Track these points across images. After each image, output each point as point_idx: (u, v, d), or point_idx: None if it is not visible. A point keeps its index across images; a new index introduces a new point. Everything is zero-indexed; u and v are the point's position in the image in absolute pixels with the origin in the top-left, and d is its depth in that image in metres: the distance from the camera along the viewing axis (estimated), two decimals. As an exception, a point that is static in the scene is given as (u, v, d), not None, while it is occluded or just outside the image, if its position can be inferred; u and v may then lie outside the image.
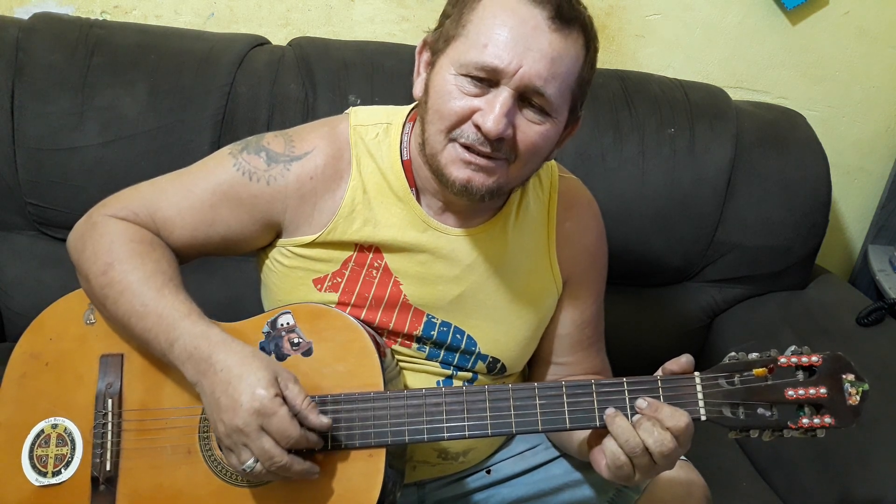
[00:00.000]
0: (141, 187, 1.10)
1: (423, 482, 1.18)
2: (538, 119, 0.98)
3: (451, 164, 0.98)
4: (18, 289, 1.58)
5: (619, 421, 0.93)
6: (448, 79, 0.97)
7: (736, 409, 0.95)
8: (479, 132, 0.95)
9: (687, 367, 0.96)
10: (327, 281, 1.09)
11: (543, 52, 0.94)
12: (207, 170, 1.09)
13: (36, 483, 1.03)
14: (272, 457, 0.90)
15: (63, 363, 1.06)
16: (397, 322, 1.09)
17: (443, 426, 0.98)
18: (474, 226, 1.10)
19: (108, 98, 1.50)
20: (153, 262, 1.01)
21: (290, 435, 0.91)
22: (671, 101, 1.66)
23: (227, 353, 0.94)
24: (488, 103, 0.95)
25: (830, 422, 0.93)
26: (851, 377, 0.93)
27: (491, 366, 1.14)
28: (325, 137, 1.09)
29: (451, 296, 1.10)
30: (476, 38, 0.96)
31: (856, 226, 2.03)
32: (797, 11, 1.80)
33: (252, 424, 0.90)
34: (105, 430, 1.02)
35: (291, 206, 1.07)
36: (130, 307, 0.98)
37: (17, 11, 1.70)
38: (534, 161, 1.03)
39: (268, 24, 1.75)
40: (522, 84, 0.94)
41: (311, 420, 0.93)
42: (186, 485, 1.00)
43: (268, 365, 0.94)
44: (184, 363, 0.95)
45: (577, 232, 1.17)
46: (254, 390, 0.90)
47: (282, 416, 0.90)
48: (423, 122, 1.01)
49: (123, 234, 1.03)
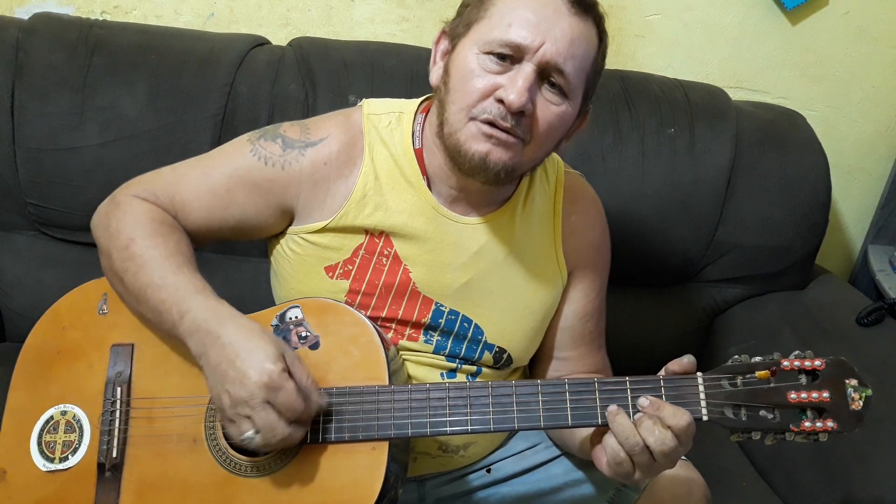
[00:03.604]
0: (162, 171, 1.14)
1: (423, 479, 1.19)
2: (557, 100, 1.02)
3: (470, 139, 1.01)
4: (18, 289, 1.58)
5: (620, 419, 0.94)
6: (471, 58, 1.01)
7: (738, 411, 0.95)
8: (501, 106, 0.98)
9: (689, 367, 0.97)
10: (339, 269, 1.11)
11: (564, 31, 0.99)
12: (226, 155, 1.13)
13: (43, 468, 1.04)
14: (274, 428, 0.92)
15: (75, 351, 1.08)
16: (406, 310, 1.11)
17: (445, 420, 0.99)
18: (483, 214, 1.12)
19: (108, 98, 1.50)
20: (174, 241, 1.05)
21: (296, 408, 0.93)
22: (671, 101, 1.66)
23: (237, 327, 0.96)
24: (511, 79, 0.99)
25: (833, 426, 0.92)
26: (855, 382, 0.93)
27: (497, 356, 1.15)
28: (339, 125, 1.12)
29: (458, 283, 1.11)
30: (500, 18, 1.00)
31: (856, 226, 2.03)
32: (797, 11, 1.80)
33: (258, 397, 0.92)
34: (113, 418, 1.04)
35: (305, 190, 1.10)
36: (150, 279, 1.01)
37: (17, 11, 1.70)
38: (547, 144, 1.06)
39: (268, 24, 1.75)
40: (544, 60, 0.98)
41: (313, 398, 0.95)
42: (191, 474, 1.01)
43: (275, 341, 0.96)
44: (192, 335, 0.97)
45: (582, 225, 1.20)
46: (263, 364, 0.92)
47: (289, 391, 0.92)
48: (443, 104, 1.04)
49: (146, 214, 1.07)
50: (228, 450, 1.01)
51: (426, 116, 1.12)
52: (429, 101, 1.14)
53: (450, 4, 1.09)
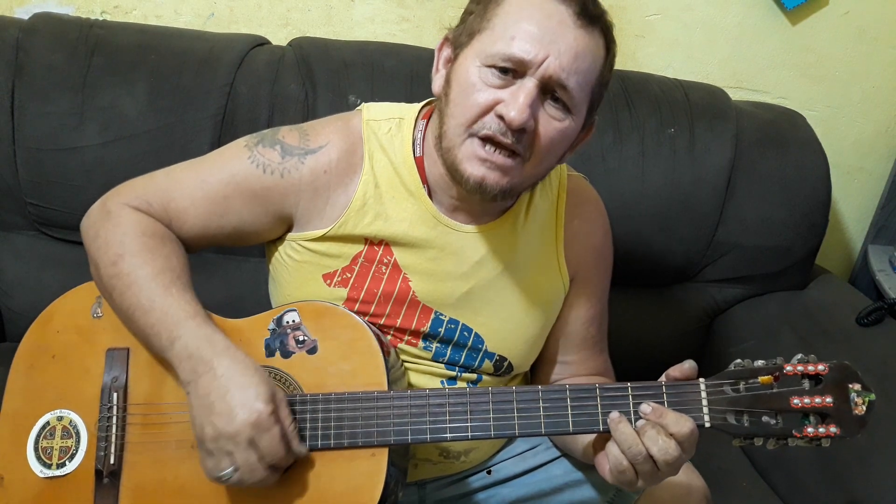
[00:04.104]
0: (156, 176, 1.10)
1: (423, 482, 1.18)
2: (559, 115, 0.99)
3: (466, 161, 0.99)
4: (18, 289, 1.58)
5: (622, 427, 0.92)
6: (472, 71, 0.98)
7: (740, 417, 0.94)
8: (501, 122, 0.96)
9: (690, 373, 0.96)
10: (337, 276, 1.09)
11: (569, 45, 0.96)
12: (223, 161, 1.10)
13: (41, 475, 1.03)
14: (254, 470, 0.91)
15: (70, 356, 1.07)
16: (405, 319, 1.10)
17: (445, 427, 0.98)
18: (484, 223, 1.10)
19: (108, 98, 1.50)
20: (163, 258, 1.02)
21: (278, 454, 0.92)
22: (671, 101, 1.66)
23: (232, 360, 0.94)
24: (512, 95, 0.96)
25: (836, 431, 0.92)
26: (858, 387, 0.92)
27: (498, 364, 1.14)
28: (339, 132, 1.10)
29: (459, 292, 1.10)
30: (503, 31, 0.97)
31: (855, 226, 2.03)
32: (797, 11, 1.80)
33: (243, 435, 0.90)
34: (110, 424, 1.02)
35: (305, 198, 1.08)
36: (136, 301, 0.99)
37: (18, 11, 1.70)
38: (548, 160, 1.03)
39: (268, 24, 1.75)
40: (547, 75, 0.95)
41: (293, 445, 0.94)
42: (189, 480, 1.00)
43: (268, 381, 0.94)
44: (182, 362, 0.95)
45: (585, 230, 1.18)
46: (254, 403, 0.91)
47: (274, 435, 0.92)
48: (442, 116, 1.02)
49: (136, 227, 1.03)
50: None
51: (427, 123, 1.10)
52: (430, 106, 1.12)
53: (450, 4, 1.08)
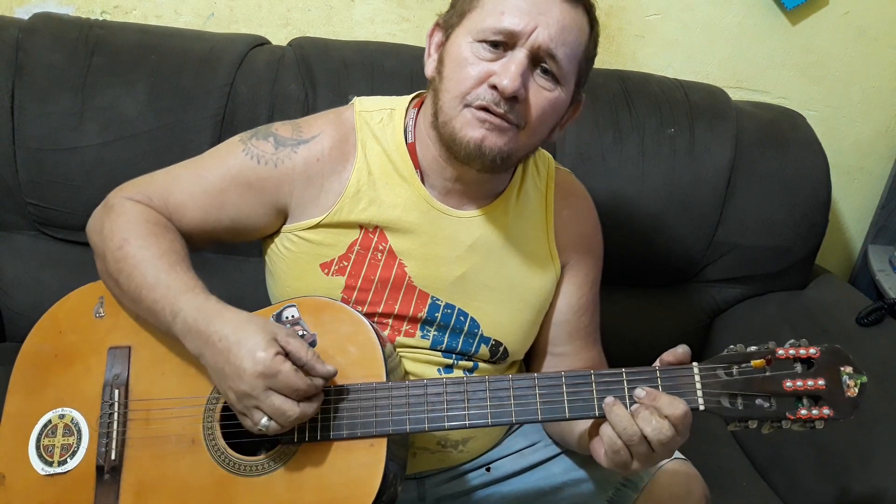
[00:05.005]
0: (156, 174, 1.14)
1: (422, 476, 1.19)
2: (549, 86, 1.03)
3: (465, 126, 1.02)
4: (18, 289, 1.58)
5: (617, 409, 0.94)
6: (464, 47, 1.02)
7: (734, 400, 0.95)
8: (494, 92, 1.00)
9: (683, 357, 0.98)
10: (334, 265, 1.11)
11: (556, 17, 1.01)
12: (219, 156, 1.14)
13: (42, 472, 1.04)
14: (285, 412, 0.93)
15: (72, 355, 1.08)
16: (402, 305, 1.11)
17: (443, 415, 0.99)
18: (476, 207, 1.13)
19: (108, 98, 1.50)
20: (167, 241, 1.06)
21: (298, 387, 0.93)
22: (671, 101, 1.66)
23: (223, 322, 0.96)
24: (503, 66, 1.00)
25: (829, 413, 0.93)
26: (850, 369, 0.94)
27: (494, 349, 1.15)
28: (331, 123, 1.14)
29: (453, 276, 1.12)
30: (493, 7, 1.02)
31: (855, 226, 2.03)
32: (797, 11, 1.80)
33: (258, 387, 0.92)
34: (111, 420, 1.04)
35: (299, 187, 1.10)
36: (143, 279, 1.01)
37: (17, 11, 1.70)
38: (541, 130, 1.07)
39: (268, 24, 1.75)
40: (536, 45, 1.00)
41: (317, 370, 0.96)
42: (190, 474, 1.01)
43: (264, 327, 0.96)
44: (185, 336, 0.98)
45: (574, 219, 1.21)
46: (254, 354, 0.92)
47: (286, 373, 0.93)
48: (437, 93, 1.05)
49: (139, 215, 1.07)
50: (227, 450, 1.01)
51: (419, 111, 1.13)
52: (420, 96, 1.16)
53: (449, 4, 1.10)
